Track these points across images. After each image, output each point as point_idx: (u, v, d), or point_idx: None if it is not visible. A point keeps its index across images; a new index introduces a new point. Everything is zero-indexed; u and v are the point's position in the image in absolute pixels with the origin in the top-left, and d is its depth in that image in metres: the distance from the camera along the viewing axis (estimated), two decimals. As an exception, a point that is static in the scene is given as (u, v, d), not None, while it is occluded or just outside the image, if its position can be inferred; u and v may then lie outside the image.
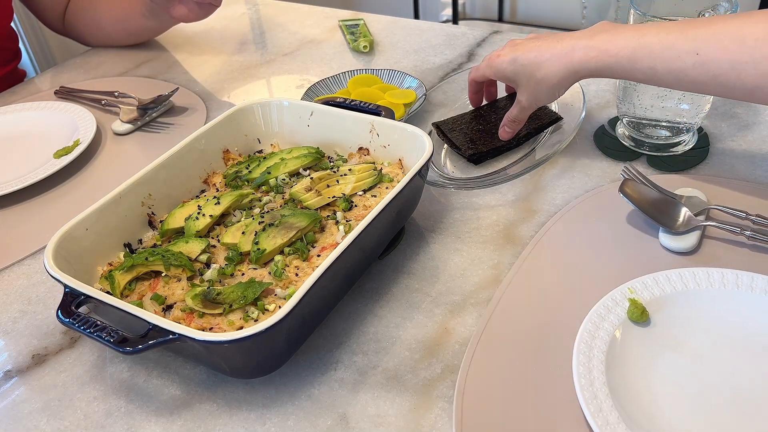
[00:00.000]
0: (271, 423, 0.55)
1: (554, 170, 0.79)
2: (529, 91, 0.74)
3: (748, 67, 0.60)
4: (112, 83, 1.08)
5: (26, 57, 1.94)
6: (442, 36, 1.13)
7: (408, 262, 0.69)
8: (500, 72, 0.76)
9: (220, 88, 1.06)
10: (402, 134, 0.73)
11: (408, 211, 0.72)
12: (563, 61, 0.70)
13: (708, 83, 0.64)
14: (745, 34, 0.60)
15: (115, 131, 0.96)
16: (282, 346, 0.56)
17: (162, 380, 0.60)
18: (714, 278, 0.60)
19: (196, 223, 0.68)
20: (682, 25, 0.64)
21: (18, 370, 0.63)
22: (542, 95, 0.74)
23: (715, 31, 0.62)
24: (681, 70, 0.64)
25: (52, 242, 0.60)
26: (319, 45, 1.16)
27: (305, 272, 0.62)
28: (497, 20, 3.04)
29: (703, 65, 0.63)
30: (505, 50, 0.76)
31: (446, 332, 0.61)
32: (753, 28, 0.60)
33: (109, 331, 0.53)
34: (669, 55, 0.64)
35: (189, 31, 1.24)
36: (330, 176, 0.72)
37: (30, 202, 0.84)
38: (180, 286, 0.62)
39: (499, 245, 0.70)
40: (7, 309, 0.69)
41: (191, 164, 0.75)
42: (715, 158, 0.78)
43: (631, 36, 0.66)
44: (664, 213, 0.68)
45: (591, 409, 0.50)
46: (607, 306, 0.58)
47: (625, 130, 0.83)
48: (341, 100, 0.79)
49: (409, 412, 0.55)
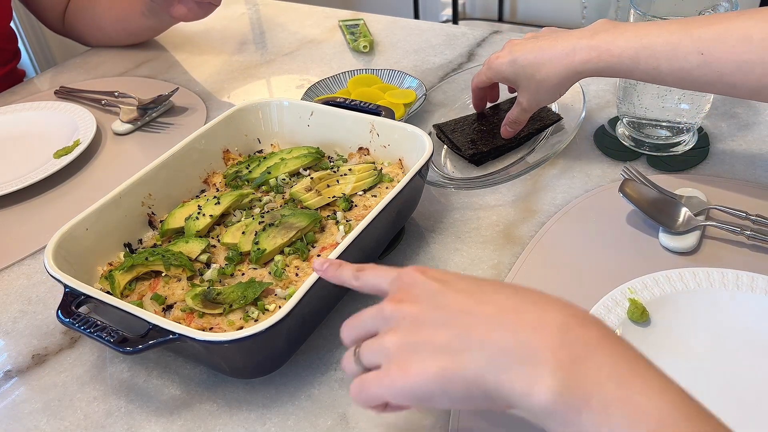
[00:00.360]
0: (271, 423, 0.55)
1: (554, 170, 0.79)
2: (529, 92, 0.74)
3: (755, 66, 0.60)
4: (112, 83, 1.08)
5: (26, 57, 1.94)
6: (442, 36, 1.13)
7: (408, 262, 0.69)
8: (500, 74, 0.76)
9: (220, 88, 1.06)
10: (402, 134, 0.73)
11: (408, 211, 0.72)
12: (564, 62, 0.69)
13: (713, 83, 0.63)
14: (751, 33, 0.60)
15: (115, 131, 0.96)
16: (282, 346, 0.56)
17: (162, 380, 0.60)
18: (714, 278, 0.60)
19: (196, 223, 0.68)
20: (685, 24, 0.64)
21: (18, 370, 0.63)
22: (543, 96, 0.74)
23: (719, 31, 0.62)
24: (685, 70, 0.63)
25: (52, 242, 0.60)
26: (319, 45, 1.16)
27: (305, 272, 0.62)
28: (497, 20, 3.04)
29: (708, 65, 0.62)
30: (503, 51, 0.75)
31: (446, 332, 0.61)
32: (758, 26, 0.60)
33: (109, 331, 0.53)
34: (673, 56, 0.63)
35: (189, 31, 1.24)
36: (330, 176, 0.72)
37: (30, 202, 0.84)
38: (180, 286, 0.62)
39: (499, 245, 0.70)
40: (7, 309, 0.69)
41: (191, 164, 0.75)
42: (715, 158, 0.78)
43: (633, 36, 0.66)
44: (664, 213, 0.68)
45: (591, 409, 0.50)
46: (607, 306, 0.58)
47: (625, 130, 0.83)
48: (341, 100, 0.79)
49: (409, 412, 0.55)
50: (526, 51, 0.72)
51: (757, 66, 0.60)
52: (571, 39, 0.69)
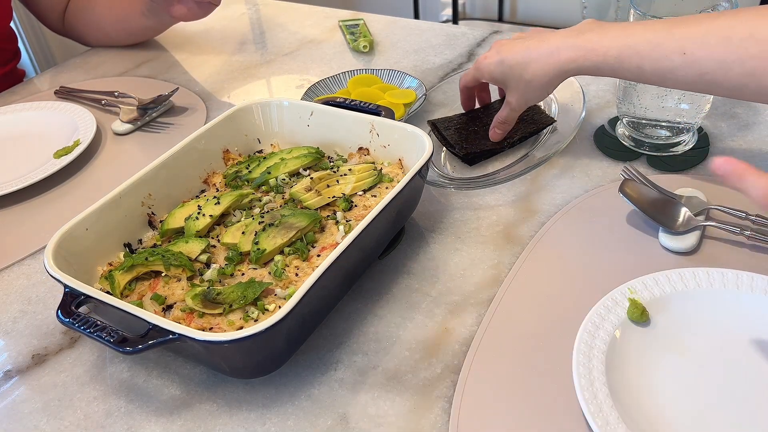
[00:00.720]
0: (271, 423, 0.55)
1: (554, 170, 0.79)
2: (518, 91, 0.75)
3: (734, 65, 0.61)
4: (112, 83, 1.08)
5: (26, 57, 1.94)
6: (442, 36, 1.13)
7: (408, 262, 0.69)
8: (488, 74, 0.77)
9: (220, 88, 1.06)
10: (402, 134, 0.73)
11: (408, 211, 0.72)
12: (551, 61, 0.70)
13: (695, 82, 0.64)
14: (731, 34, 0.61)
15: (115, 131, 0.96)
16: (282, 346, 0.56)
17: (162, 380, 0.60)
18: (714, 278, 0.60)
19: (196, 223, 0.68)
20: (669, 24, 0.65)
21: (18, 370, 0.63)
22: (531, 95, 0.75)
23: (701, 31, 0.63)
24: (668, 69, 0.65)
25: (52, 242, 0.60)
26: (319, 45, 1.16)
27: (305, 272, 0.62)
28: (497, 20, 3.04)
29: (690, 64, 0.63)
30: (491, 52, 0.76)
31: (446, 332, 0.61)
32: (739, 27, 0.61)
33: (109, 331, 0.53)
34: (656, 55, 0.65)
35: (189, 31, 1.24)
36: (330, 176, 0.72)
37: (30, 202, 0.84)
38: (180, 286, 0.62)
39: (499, 245, 0.70)
40: (7, 309, 0.69)
41: (191, 164, 0.75)
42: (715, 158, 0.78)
43: (618, 35, 0.67)
44: (664, 213, 0.68)
45: (591, 409, 0.50)
46: (607, 306, 0.58)
47: (625, 130, 0.83)
48: (341, 100, 0.79)
49: (409, 412, 0.55)
50: (514, 51, 0.73)
51: (736, 65, 0.61)
52: (557, 39, 0.71)
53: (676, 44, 0.63)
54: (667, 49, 0.64)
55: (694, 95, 0.75)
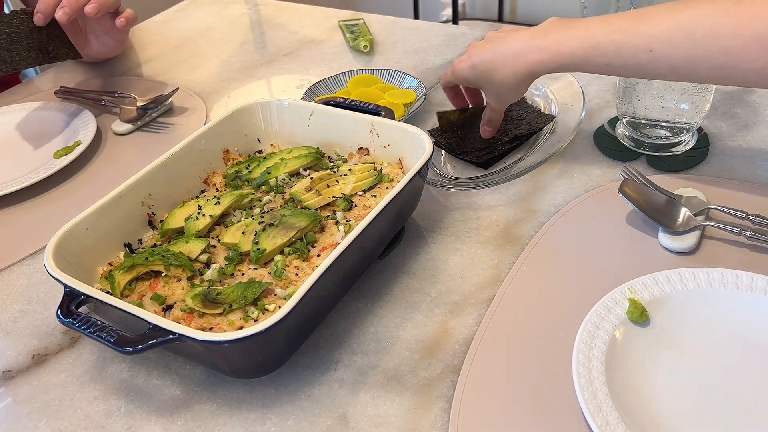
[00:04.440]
0: (271, 423, 0.55)
1: (554, 170, 0.79)
2: (492, 93, 0.76)
3: (702, 61, 0.62)
4: (112, 83, 1.08)
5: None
6: (442, 36, 1.13)
7: (408, 262, 0.69)
8: (464, 79, 0.78)
9: (220, 88, 1.06)
10: (402, 134, 0.73)
11: (408, 211, 0.72)
12: (519, 64, 0.71)
13: (668, 74, 0.65)
14: (693, 30, 0.61)
15: (115, 131, 0.96)
16: (282, 346, 0.56)
17: (162, 380, 0.60)
18: (714, 278, 0.60)
19: (196, 223, 0.68)
20: (633, 20, 0.65)
21: (18, 370, 0.63)
22: (505, 96, 0.76)
23: (665, 27, 0.63)
24: (636, 65, 0.66)
25: (52, 242, 0.60)
26: (319, 45, 1.16)
27: (305, 272, 0.62)
28: (497, 20, 3.04)
29: (659, 60, 0.64)
30: (465, 56, 0.77)
31: (446, 332, 0.61)
32: (701, 23, 0.61)
33: (109, 331, 0.53)
34: (624, 54, 0.65)
35: (189, 31, 1.24)
36: (330, 176, 0.72)
37: (30, 202, 0.84)
38: (180, 286, 0.62)
39: (499, 245, 0.70)
40: (7, 309, 0.69)
41: (191, 164, 0.75)
42: (714, 158, 0.78)
43: (582, 35, 0.68)
44: (664, 213, 0.68)
45: (591, 409, 0.50)
46: (607, 306, 0.58)
47: (625, 130, 0.83)
48: (341, 100, 0.79)
49: (409, 412, 0.55)
50: (483, 55, 0.74)
51: (703, 60, 0.62)
52: (523, 40, 0.71)
53: (643, 42, 0.64)
54: (634, 47, 0.65)
55: (694, 95, 0.75)
